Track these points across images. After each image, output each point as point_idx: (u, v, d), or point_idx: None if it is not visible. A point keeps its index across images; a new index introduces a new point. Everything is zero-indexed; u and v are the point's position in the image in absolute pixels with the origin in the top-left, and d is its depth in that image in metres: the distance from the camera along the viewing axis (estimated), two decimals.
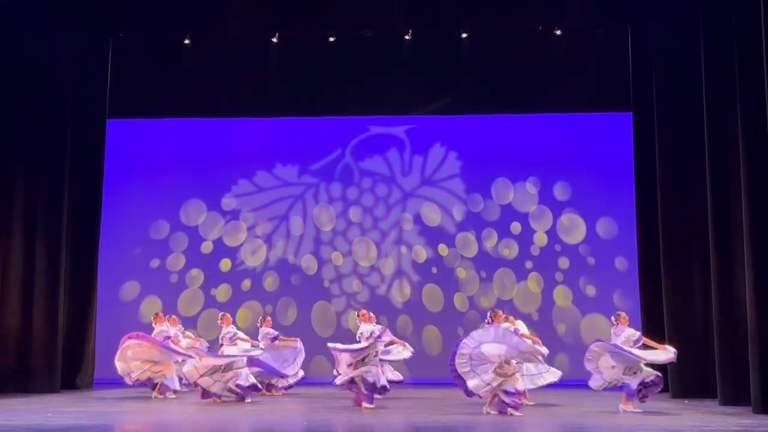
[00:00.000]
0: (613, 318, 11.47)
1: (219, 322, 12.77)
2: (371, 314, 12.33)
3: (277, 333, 13.75)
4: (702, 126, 12.83)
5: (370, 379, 11.28)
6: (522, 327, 11.65)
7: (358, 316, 12.14)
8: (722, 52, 12.26)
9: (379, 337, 11.40)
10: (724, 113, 12.29)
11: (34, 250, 14.05)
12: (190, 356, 12.46)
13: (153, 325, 13.36)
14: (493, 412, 10.65)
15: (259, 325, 13.91)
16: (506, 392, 10.54)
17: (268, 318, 14.17)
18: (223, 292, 16.99)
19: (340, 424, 10.02)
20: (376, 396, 11.54)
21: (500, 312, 11.10)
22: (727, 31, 11.94)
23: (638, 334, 11.25)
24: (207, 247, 17.18)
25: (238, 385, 12.21)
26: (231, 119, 17.33)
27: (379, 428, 9.78)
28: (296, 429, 9.61)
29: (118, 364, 12.93)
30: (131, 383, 13.03)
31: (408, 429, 9.73)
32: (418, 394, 13.35)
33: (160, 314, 13.55)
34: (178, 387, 13.14)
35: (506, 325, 11.26)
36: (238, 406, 11.82)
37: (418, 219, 17.10)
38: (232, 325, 12.81)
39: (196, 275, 17.07)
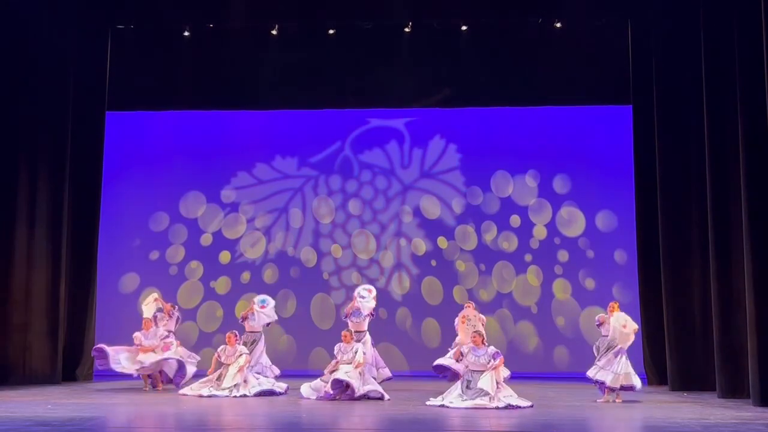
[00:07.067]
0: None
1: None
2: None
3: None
4: (702, 118, 12.84)
5: None
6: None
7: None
8: (722, 44, 12.27)
9: None
10: (723, 105, 12.30)
11: (35, 241, 14.07)
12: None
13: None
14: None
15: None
16: None
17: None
18: (222, 284, 16.98)
19: (339, 415, 10.04)
20: None
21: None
22: (728, 23, 11.94)
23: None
24: (206, 240, 17.17)
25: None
26: (230, 111, 17.31)
27: (379, 420, 9.80)
28: (298, 421, 9.63)
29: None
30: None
31: (406, 421, 9.74)
32: (417, 386, 13.35)
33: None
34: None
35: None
36: (237, 400, 11.84)
37: (417, 212, 17.08)
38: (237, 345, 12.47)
39: (196, 267, 17.06)
